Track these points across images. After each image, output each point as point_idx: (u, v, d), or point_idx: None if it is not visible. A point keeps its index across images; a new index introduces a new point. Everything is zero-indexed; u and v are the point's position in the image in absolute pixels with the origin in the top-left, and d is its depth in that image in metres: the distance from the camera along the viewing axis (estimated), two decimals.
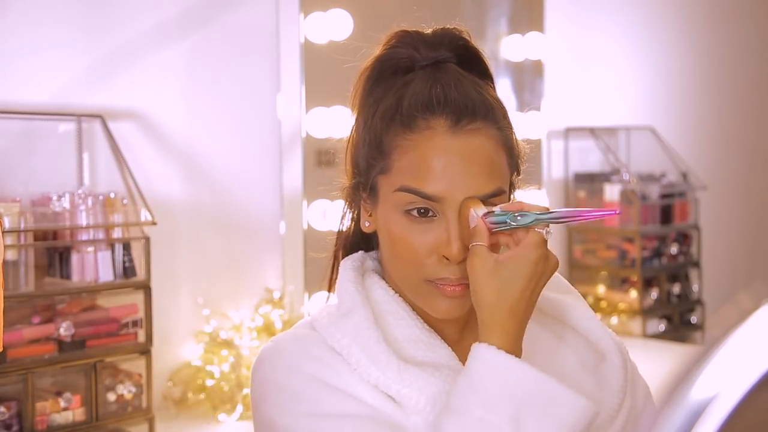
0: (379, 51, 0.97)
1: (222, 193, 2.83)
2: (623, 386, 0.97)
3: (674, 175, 3.95)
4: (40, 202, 2.31)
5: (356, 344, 0.91)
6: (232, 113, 2.86)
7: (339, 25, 2.86)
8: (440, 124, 0.89)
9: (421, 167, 0.89)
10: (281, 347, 0.94)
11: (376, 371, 0.89)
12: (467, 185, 0.88)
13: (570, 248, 3.83)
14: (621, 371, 0.97)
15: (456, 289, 0.90)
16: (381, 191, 0.93)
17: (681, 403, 0.38)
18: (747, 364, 0.38)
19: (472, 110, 0.90)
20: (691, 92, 4.44)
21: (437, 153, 0.88)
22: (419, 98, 0.90)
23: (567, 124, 3.79)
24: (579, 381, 0.96)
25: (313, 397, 0.89)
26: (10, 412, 2.14)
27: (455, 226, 0.88)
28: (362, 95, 0.97)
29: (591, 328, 1.00)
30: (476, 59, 0.97)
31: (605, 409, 0.94)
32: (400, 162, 0.90)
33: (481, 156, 0.89)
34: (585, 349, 0.99)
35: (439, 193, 0.88)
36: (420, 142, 0.89)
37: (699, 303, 3.96)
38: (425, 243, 0.89)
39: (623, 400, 0.96)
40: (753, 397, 0.37)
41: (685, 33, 4.40)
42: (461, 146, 0.89)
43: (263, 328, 2.73)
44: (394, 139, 0.91)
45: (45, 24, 2.45)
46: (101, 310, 2.34)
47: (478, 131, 0.90)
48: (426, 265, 0.90)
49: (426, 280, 0.90)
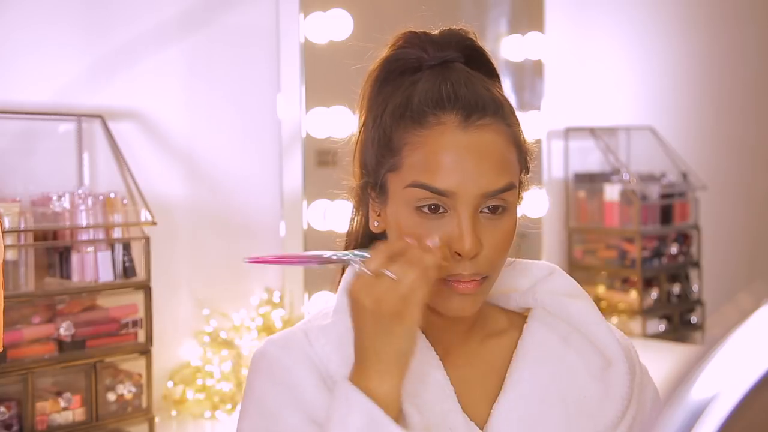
0: (387, 52, 0.97)
1: (222, 193, 2.83)
2: (628, 394, 0.95)
3: (674, 175, 3.95)
4: (40, 202, 2.31)
5: (337, 353, 0.92)
6: (232, 113, 2.86)
7: (339, 25, 2.86)
8: (451, 119, 0.89)
9: (432, 163, 0.89)
10: (266, 351, 0.96)
11: None
12: (479, 180, 0.88)
13: (570, 248, 3.83)
14: (626, 378, 0.96)
15: (468, 286, 0.89)
16: (391, 189, 0.93)
17: (681, 403, 0.38)
18: (747, 364, 0.38)
19: (482, 106, 0.90)
20: (691, 92, 4.44)
21: (448, 148, 0.89)
22: (429, 95, 0.91)
23: (567, 124, 3.79)
24: (583, 386, 0.95)
25: (276, 412, 0.91)
26: (10, 412, 2.14)
27: (467, 222, 0.88)
28: (370, 96, 0.97)
29: (599, 332, 0.99)
30: (483, 59, 0.97)
31: (608, 417, 0.94)
32: (411, 158, 0.90)
33: (492, 151, 0.89)
34: (592, 354, 0.98)
35: (450, 188, 0.88)
36: (430, 138, 0.89)
37: (699, 303, 3.96)
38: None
39: (627, 408, 0.95)
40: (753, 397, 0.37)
41: (685, 33, 4.40)
42: (472, 142, 0.89)
43: (263, 328, 2.73)
44: (404, 136, 0.91)
45: (45, 24, 2.45)
46: (101, 310, 2.34)
47: (488, 127, 0.90)
48: None
49: (437, 278, 0.90)
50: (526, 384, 0.94)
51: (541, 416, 0.93)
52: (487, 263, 0.90)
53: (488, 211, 0.90)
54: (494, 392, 0.95)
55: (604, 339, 0.98)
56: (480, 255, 0.89)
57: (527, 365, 0.96)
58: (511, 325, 1.01)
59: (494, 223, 0.90)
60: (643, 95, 4.20)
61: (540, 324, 0.99)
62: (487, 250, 0.89)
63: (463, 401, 0.94)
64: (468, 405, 0.94)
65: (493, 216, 0.90)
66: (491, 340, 0.99)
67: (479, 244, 0.88)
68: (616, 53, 4.05)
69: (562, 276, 1.03)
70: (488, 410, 0.94)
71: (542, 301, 1.00)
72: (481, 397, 0.95)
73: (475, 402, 0.95)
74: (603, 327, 0.99)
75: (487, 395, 0.95)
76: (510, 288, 1.03)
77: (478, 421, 0.94)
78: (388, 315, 0.83)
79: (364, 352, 0.85)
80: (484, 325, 1.00)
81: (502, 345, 0.99)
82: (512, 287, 1.03)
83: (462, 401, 0.94)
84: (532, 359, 0.96)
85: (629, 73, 4.11)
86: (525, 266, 1.04)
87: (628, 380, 0.96)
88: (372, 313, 0.83)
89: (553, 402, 0.94)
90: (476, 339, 0.99)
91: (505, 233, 0.91)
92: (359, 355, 0.86)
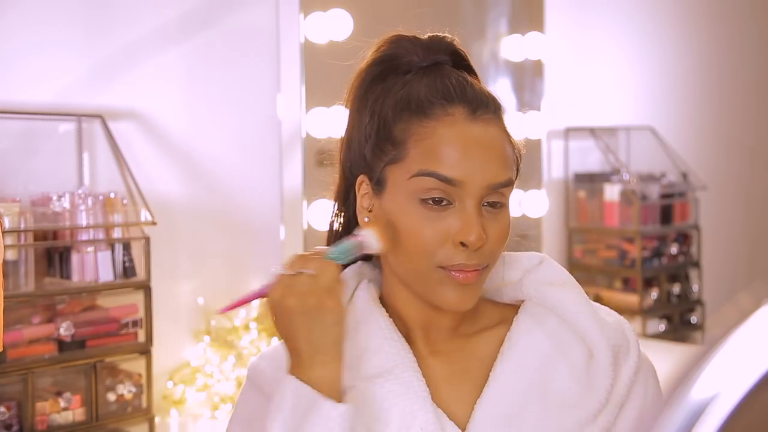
0: (376, 53, 0.98)
1: (222, 193, 2.83)
2: (607, 388, 0.93)
3: (674, 175, 3.94)
4: (40, 202, 2.31)
5: None
6: (232, 113, 2.86)
7: (339, 25, 2.86)
8: (459, 111, 0.92)
9: (441, 152, 0.90)
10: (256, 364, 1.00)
11: None
12: (485, 171, 0.90)
13: (570, 248, 3.83)
14: (607, 371, 0.93)
15: (469, 276, 0.90)
16: (391, 181, 0.93)
17: (681, 403, 0.38)
18: (747, 364, 0.38)
19: (486, 103, 0.93)
20: (691, 92, 4.44)
21: (457, 138, 0.90)
22: (436, 88, 0.93)
23: (567, 124, 3.79)
24: (565, 378, 0.94)
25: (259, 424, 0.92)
26: (10, 412, 2.14)
27: (474, 212, 0.90)
28: (358, 96, 0.98)
29: (581, 323, 0.96)
30: (467, 64, 1.00)
31: (589, 408, 0.93)
32: (417, 148, 0.91)
33: (497, 145, 0.92)
34: (575, 345, 0.96)
35: (459, 177, 0.89)
36: (438, 128, 0.91)
37: (699, 303, 3.96)
38: (439, 231, 0.90)
39: (606, 402, 0.93)
40: (753, 397, 0.37)
41: (685, 33, 4.40)
42: (480, 133, 0.91)
43: (263, 328, 2.73)
44: (409, 128, 0.92)
45: (45, 24, 2.45)
46: (101, 310, 2.34)
47: (492, 122, 0.93)
48: (438, 253, 0.90)
49: (438, 267, 0.91)
50: (510, 379, 0.94)
51: (522, 411, 0.92)
52: (489, 254, 0.92)
53: (488, 205, 0.92)
54: (481, 388, 0.95)
55: (586, 329, 0.96)
56: (484, 246, 0.90)
57: (512, 360, 0.95)
58: (503, 319, 1.00)
59: (494, 216, 0.92)
60: (643, 95, 4.20)
61: (528, 316, 0.99)
62: (490, 242, 0.91)
63: (446, 399, 0.94)
64: (452, 402, 0.94)
65: (494, 210, 0.92)
66: (481, 335, 0.99)
67: (484, 235, 0.89)
68: (616, 53, 4.05)
69: (551, 265, 1.03)
70: (472, 407, 0.94)
71: (528, 292, 1.00)
72: (467, 393, 0.95)
73: (460, 399, 0.95)
74: (586, 316, 0.97)
75: (473, 392, 0.95)
76: (501, 281, 1.03)
77: (461, 418, 0.93)
78: (316, 309, 0.86)
79: (300, 350, 0.87)
80: (476, 320, 0.99)
81: (492, 340, 0.98)
82: (504, 280, 1.03)
83: (445, 399, 0.94)
84: (517, 353, 0.95)
85: (629, 73, 4.11)
86: (515, 258, 1.04)
87: (610, 372, 0.94)
88: (300, 310, 0.86)
89: (534, 396, 0.93)
90: (466, 335, 0.99)
91: (504, 228, 0.93)
92: (296, 353, 0.88)
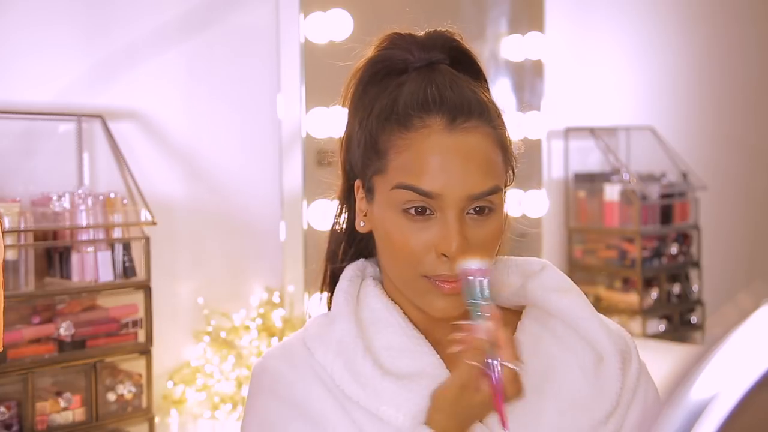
0: (372, 53, 0.98)
1: (222, 193, 2.83)
2: (617, 391, 0.95)
3: (674, 175, 3.94)
4: (40, 202, 2.31)
5: (339, 359, 0.92)
6: (232, 113, 2.86)
7: (339, 25, 2.86)
8: (436, 122, 0.90)
9: (418, 165, 0.89)
10: (267, 366, 0.96)
11: (358, 389, 0.90)
12: (465, 182, 0.89)
13: (570, 248, 3.83)
14: (617, 375, 0.95)
15: (454, 286, 0.90)
16: (377, 191, 0.93)
17: (681, 403, 0.38)
18: (747, 364, 0.38)
19: (468, 109, 0.90)
20: (691, 92, 4.44)
21: (434, 150, 0.89)
22: (414, 98, 0.91)
23: (567, 124, 3.79)
24: (576, 382, 0.95)
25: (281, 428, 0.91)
26: (10, 412, 2.14)
27: (454, 223, 0.89)
28: (355, 96, 0.98)
29: (590, 328, 0.98)
30: (469, 60, 0.98)
31: (600, 412, 0.93)
32: (397, 161, 0.91)
33: (477, 153, 0.90)
34: (583, 350, 0.98)
35: (436, 190, 0.88)
36: (416, 141, 0.90)
37: (699, 303, 3.96)
38: (422, 241, 0.90)
39: (616, 405, 0.95)
40: (753, 397, 0.37)
41: (685, 33, 4.40)
42: (458, 144, 0.89)
43: (263, 328, 2.73)
44: (390, 139, 0.91)
45: (45, 24, 2.45)
46: (101, 310, 2.34)
47: (474, 129, 0.90)
48: (423, 262, 0.90)
49: (423, 276, 0.91)
50: None
51: (537, 412, 0.93)
52: None
53: (474, 212, 0.91)
54: None
55: (595, 334, 0.98)
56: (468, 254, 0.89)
57: None
58: (506, 323, 1.01)
59: (480, 224, 0.91)
60: (643, 95, 4.20)
61: (532, 321, 1.00)
62: (474, 250, 0.89)
63: None
64: None
65: (480, 217, 0.91)
66: None
67: (466, 245, 0.88)
68: (616, 53, 4.05)
69: (553, 271, 1.03)
70: None
71: (533, 297, 1.00)
72: None
73: None
74: (594, 322, 0.98)
75: None
76: (503, 286, 1.03)
77: None
78: None
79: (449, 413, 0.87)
80: None
81: None
82: (505, 285, 1.04)
83: None
84: (525, 356, 0.96)
85: (629, 73, 4.11)
86: (517, 263, 1.05)
87: (620, 376, 0.95)
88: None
89: (548, 398, 0.94)
90: None
91: (491, 234, 0.92)
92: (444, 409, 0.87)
